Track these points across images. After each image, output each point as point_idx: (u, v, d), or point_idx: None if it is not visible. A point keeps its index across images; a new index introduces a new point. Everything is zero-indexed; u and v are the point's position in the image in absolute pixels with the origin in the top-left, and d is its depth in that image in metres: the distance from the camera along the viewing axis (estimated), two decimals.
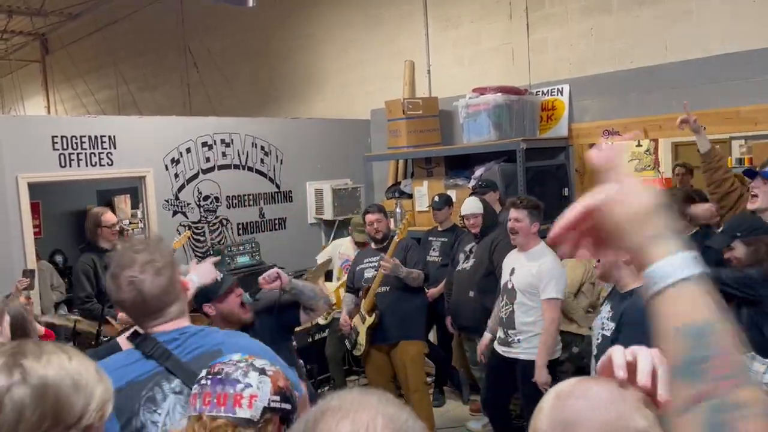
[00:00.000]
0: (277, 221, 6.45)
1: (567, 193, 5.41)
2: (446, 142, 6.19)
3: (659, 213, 0.89)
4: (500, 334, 4.09)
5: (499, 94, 5.23)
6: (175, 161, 5.77)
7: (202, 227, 5.94)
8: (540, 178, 5.18)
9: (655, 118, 4.97)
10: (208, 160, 5.98)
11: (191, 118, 6.55)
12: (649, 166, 9.56)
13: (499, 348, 4.09)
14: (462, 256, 4.73)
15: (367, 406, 0.84)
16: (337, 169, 6.76)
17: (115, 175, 5.56)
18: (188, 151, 5.85)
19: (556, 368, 3.92)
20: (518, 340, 3.95)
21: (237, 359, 1.52)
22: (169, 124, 5.88)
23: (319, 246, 6.50)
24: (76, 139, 5.15)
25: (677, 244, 0.87)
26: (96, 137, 5.26)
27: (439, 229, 5.36)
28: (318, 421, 0.83)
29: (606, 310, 2.81)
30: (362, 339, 4.58)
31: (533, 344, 3.88)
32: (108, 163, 5.31)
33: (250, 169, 6.26)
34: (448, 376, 5.70)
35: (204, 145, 5.95)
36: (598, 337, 2.79)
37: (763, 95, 4.45)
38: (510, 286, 4.01)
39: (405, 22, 6.71)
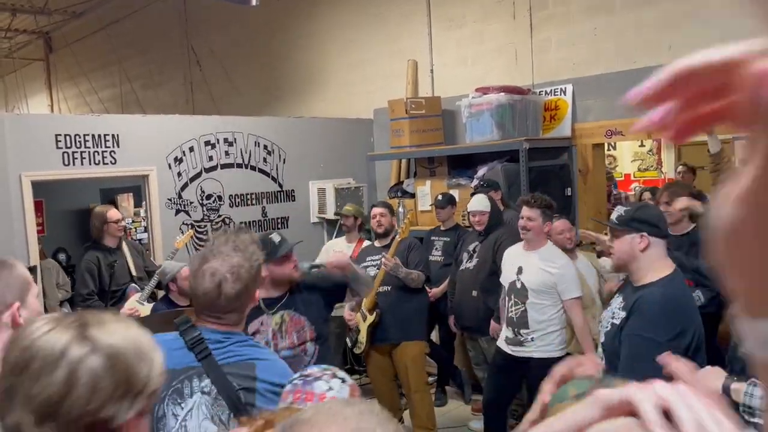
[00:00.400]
0: (279, 220, 6.46)
1: (570, 194, 5.41)
2: (449, 142, 6.19)
3: None
4: (508, 334, 4.06)
5: (502, 94, 5.22)
6: (178, 160, 5.78)
7: (205, 226, 5.95)
8: (543, 178, 5.18)
9: None
10: (211, 159, 5.98)
11: (194, 117, 6.55)
12: (652, 167, 9.56)
13: (508, 348, 4.06)
14: (465, 256, 4.73)
15: (338, 420, 0.82)
16: (340, 168, 6.77)
17: (118, 174, 5.57)
18: (191, 149, 5.86)
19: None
20: (531, 339, 3.94)
21: (325, 368, 1.78)
22: (172, 123, 5.89)
23: (322, 245, 6.50)
24: (80, 138, 5.16)
25: None
26: (99, 136, 5.27)
27: (442, 228, 5.36)
28: None
29: (618, 301, 2.81)
30: (363, 337, 4.59)
31: (546, 342, 3.91)
32: (111, 162, 5.32)
33: (253, 168, 6.27)
34: (450, 376, 5.70)
35: (207, 144, 5.96)
36: (607, 326, 2.79)
37: None
38: (519, 285, 3.99)
39: (408, 21, 6.71)
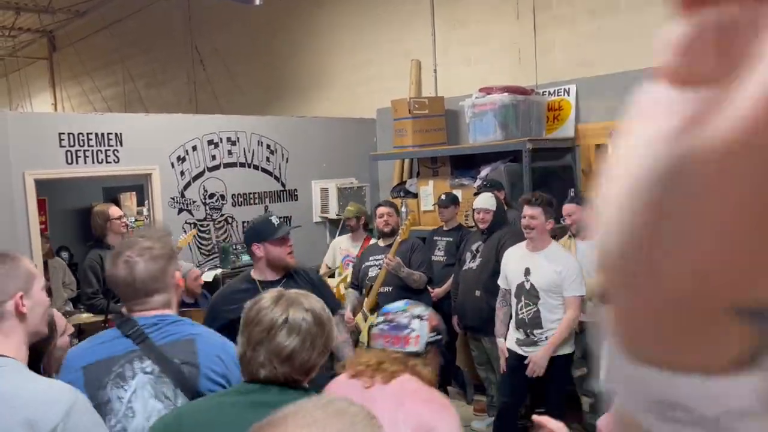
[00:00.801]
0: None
1: (573, 194, 5.40)
2: (452, 142, 6.19)
3: None
4: (519, 336, 4.05)
5: (506, 94, 5.22)
6: (181, 159, 5.78)
7: (208, 225, 5.95)
8: (546, 179, 5.17)
9: None
10: (214, 158, 5.99)
11: (197, 116, 6.56)
12: None
13: (521, 349, 4.05)
14: (468, 256, 4.72)
15: (309, 422, 0.82)
16: (343, 168, 6.76)
17: (122, 173, 5.58)
18: (194, 149, 5.86)
19: (570, 361, 4.04)
20: (546, 338, 3.94)
21: (402, 309, 2.10)
22: (175, 122, 5.90)
23: (324, 245, 6.50)
24: (83, 136, 5.17)
25: None
26: (102, 134, 5.27)
27: (445, 228, 5.35)
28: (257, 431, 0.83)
29: None
30: (363, 337, 4.59)
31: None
32: (114, 161, 5.33)
33: (256, 168, 6.27)
34: (452, 376, 5.69)
35: (210, 143, 5.96)
36: None
37: None
38: (528, 287, 3.98)
39: (412, 21, 6.71)
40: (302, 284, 3.14)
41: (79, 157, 5.15)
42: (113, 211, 4.99)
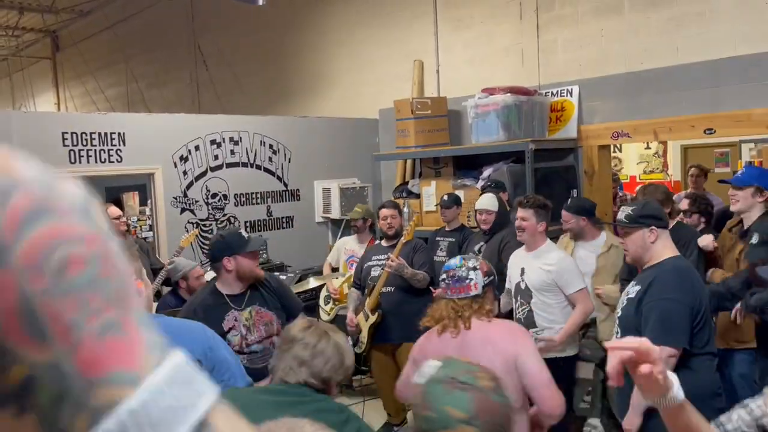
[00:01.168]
0: (284, 219, 6.46)
1: (575, 195, 5.39)
2: (455, 142, 6.19)
3: None
4: None
5: (509, 95, 5.21)
6: (184, 159, 5.79)
7: (210, 225, 5.96)
8: (548, 180, 5.17)
9: (666, 120, 4.94)
10: (216, 157, 5.99)
11: (200, 116, 6.57)
12: (658, 169, 9.53)
13: None
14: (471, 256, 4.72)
15: None
16: (345, 168, 6.77)
17: (124, 172, 5.58)
18: (197, 148, 5.86)
19: (573, 363, 4.03)
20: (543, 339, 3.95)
21: (459, 265, 2.61)
22: (178, 122, 5.90)
23: (326, 245, 6.51)
24: (86, 136, 5.18)
25: None
26: (105, 134, 5.28)
27: (447, 228, 5.34)
28: None
29: (633, 284, 2.94)
30: (364, 337, 4.59)
31: None
32: (117, 160, 5.34)
33: (258, 168, 6.27)
34: None
35: (213, 142, 5.97)
36: (624, 302, 2.91)
37: None
38: (523, 287, 4.01)
39: (415, 22, 6.71)
40: (266, 294, 3.19)
41: (82, 157, 5.15)
42: (111, 211, 4.99)
